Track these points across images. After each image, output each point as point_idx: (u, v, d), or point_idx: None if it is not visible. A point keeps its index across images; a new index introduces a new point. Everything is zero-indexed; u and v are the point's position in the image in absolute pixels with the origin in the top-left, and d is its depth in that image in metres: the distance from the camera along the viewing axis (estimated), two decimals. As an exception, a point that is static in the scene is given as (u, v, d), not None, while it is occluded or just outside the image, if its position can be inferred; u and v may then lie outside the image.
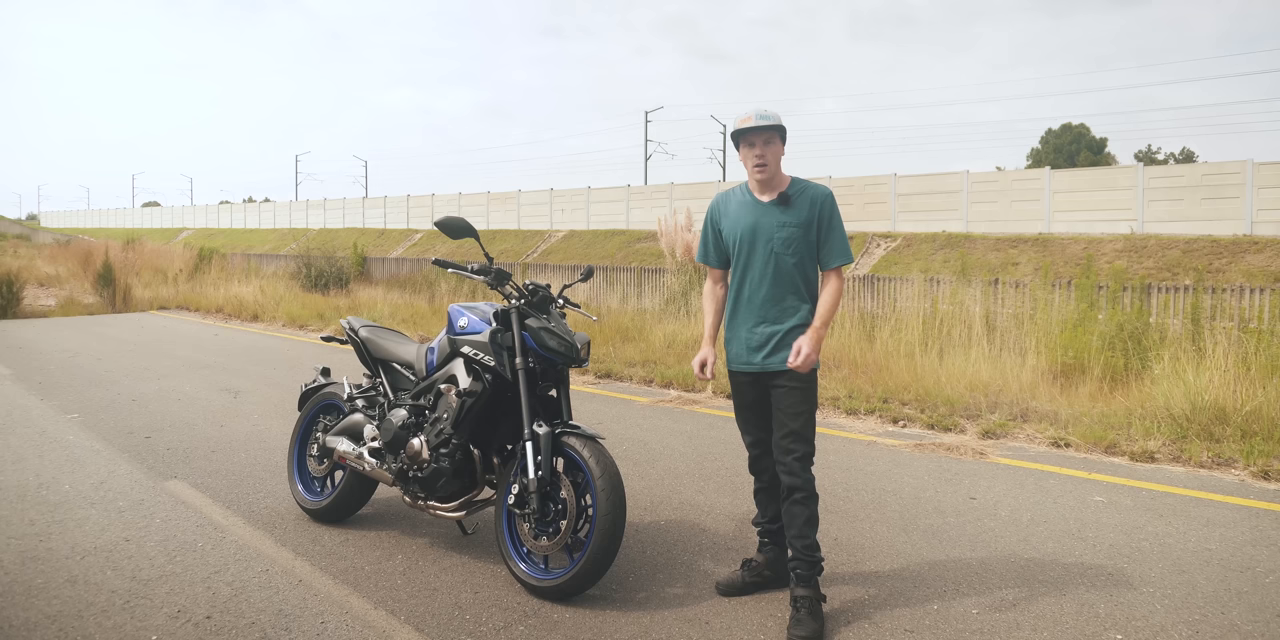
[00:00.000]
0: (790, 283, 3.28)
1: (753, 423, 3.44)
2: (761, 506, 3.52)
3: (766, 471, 3.44)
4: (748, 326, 3.33)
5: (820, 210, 3.29)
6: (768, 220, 3.29)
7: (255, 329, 13.52)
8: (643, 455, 5.59)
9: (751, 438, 3.46)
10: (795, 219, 3.27)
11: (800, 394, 3.25)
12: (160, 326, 13.79)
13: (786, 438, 3.26)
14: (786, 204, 3.29)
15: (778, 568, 3.46)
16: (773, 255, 3.28)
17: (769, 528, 3.49)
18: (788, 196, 3.30)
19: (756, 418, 3.41)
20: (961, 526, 4.23)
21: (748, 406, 3.43)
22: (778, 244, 3.27)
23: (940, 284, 11.17)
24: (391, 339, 4.32)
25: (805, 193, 3.31)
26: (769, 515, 3.49)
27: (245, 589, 3.45)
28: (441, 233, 3.64)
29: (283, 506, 4.50)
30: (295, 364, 9.53)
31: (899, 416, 6.62)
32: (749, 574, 3.45)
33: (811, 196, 3.30)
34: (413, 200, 43.38)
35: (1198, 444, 5.52)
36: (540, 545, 3.38)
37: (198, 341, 11.72)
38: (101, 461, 5.34)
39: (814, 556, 3.20)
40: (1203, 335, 7.41)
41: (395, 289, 17.97)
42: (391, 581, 3.55)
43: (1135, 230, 21.82)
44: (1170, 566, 3.72)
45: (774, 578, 3.46)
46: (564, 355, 3.51)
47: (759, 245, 3.28)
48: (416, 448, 3.70)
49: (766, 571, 3.46)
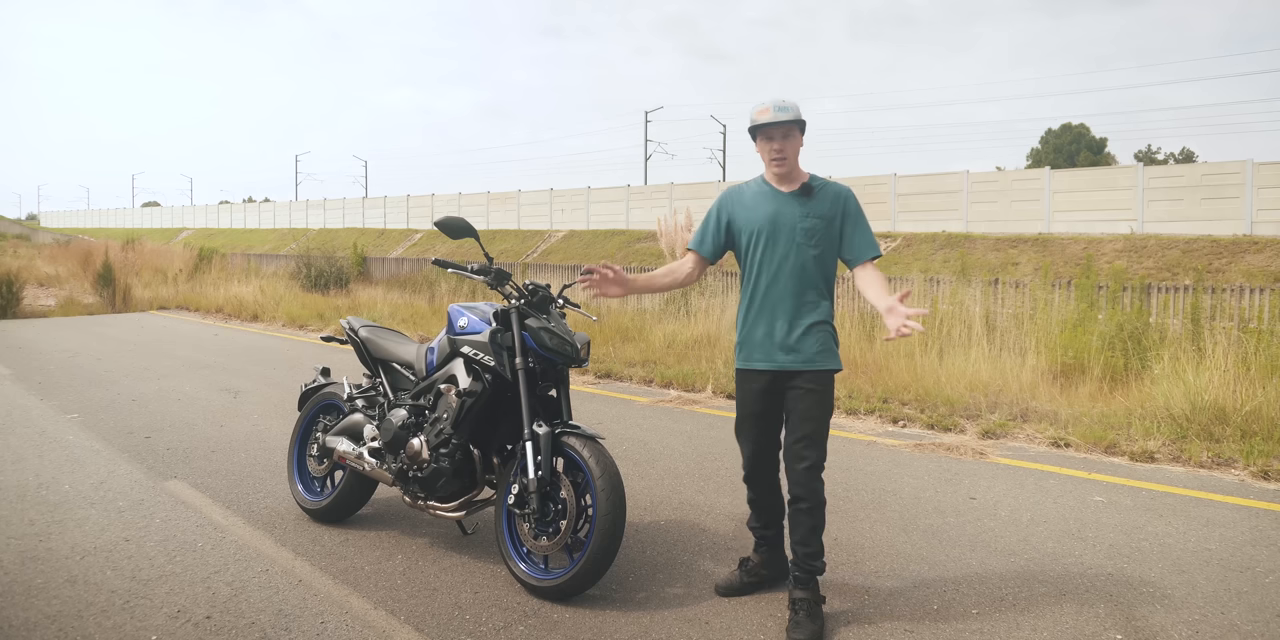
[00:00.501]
0: (811, 277, 3.16)
1: (758, 429, 3.29)
2: (756, 512, 3.46)
3: (762, 483, 3.36)
4: (766, 321, 3.19)
5: (845, 205, 3.20)
6: (790, 210, 3.16)
7: (255, 329, 13.52)
8: (643, 455, 5.59)
9: (752, 446, 3.33)
10: (819, 211, 3.16)
11: (816, 397, 3.13)
12: (160, 326, 13.78)
13: (799, 443, 3.13)
14: (809, 195, 3.18)
15: (774, 566, 3.45)
16: (795, 247, 3.15)
17: (764, 532, 3.45)
18: (811, 188, 3.19)
19: (764, 425, 3.28)
20: (961, 527, 4.23)
21: (755, 413, 3.28)
22: (800, 235, 3.14)
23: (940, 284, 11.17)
24: (391, 339, 4.32)
25: (827, 187, 3.23)
26: (763, 521, 3.44)
27: (245, 589, 3.45)
28: (441, 233, 3.64)
29: (282, 506, 4.50)
30: (295, 364, 9.53)
31: (899, 416, 6.62)
32: (746, 574, 3.42)
33: (835, 191, 3.22)
34: (413, 200, 43.37)
35: (1197, 444, 5.52)
36: (540, 545, 3.38)
37: (198, 341, 11.72)
38: (101, 461, 5.34)
39: (814, 564, 3.14)
40: (1203, 335, 7.41)
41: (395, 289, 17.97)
42: (391, 581, 3.55)
43: (1135, 230, 21.82)
44: (1170, 566, 3.72)
45: (771, 577, 3.45)
46: (564, 355, 3.51)
47: (780, 236, 3.15)
48: (416, 448, 3.70)
49: (763, 570, 3.44)
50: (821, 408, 3.15)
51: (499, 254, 32.89)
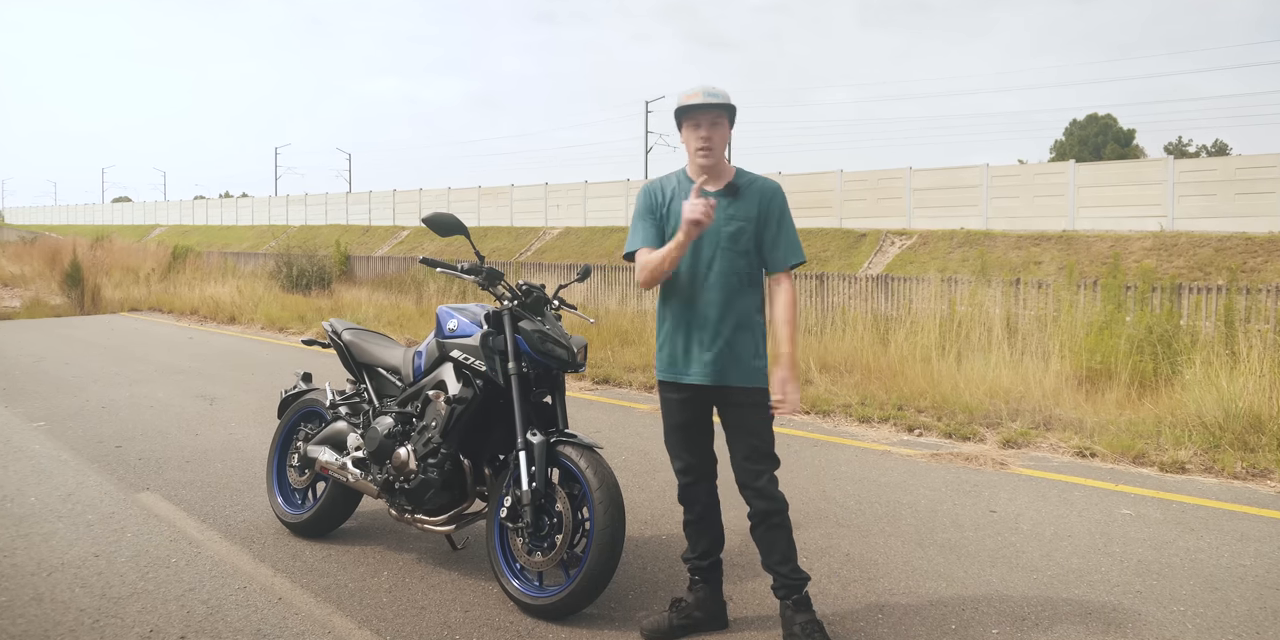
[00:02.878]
0: (739, 284, 3.10)
1: (685, 445, 3.22)
2: (692, 541, 3.30)
3: (699, 502, 3.25)
4: (686, 333, 3.13)
5: (772, 204, 3.14)
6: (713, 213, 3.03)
7: (232, 332, 13.54)
8: (643, 466, 5.60)
9: (682, 463, 3.24)
10: (745, 212, 3.10)
11: (756, 409, 3.11)
12: (132, 329, 13.80)
13: (750, 458, 3.10)
14: (735, 195, 3.11)
15: (709, 608, 3.27)
16: (719, 252, 3.08)
17: (699, 564, 3.28)
18: (736, 187, 3.12)
19: (690, 439, 3.21)
20: (981, 541, 4.24)
21: (680, 426, 3.21)
22: (725, 240, 3.08)
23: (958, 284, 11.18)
24: (377, 342, 4.33)
25: (754, 185, 3.16)
26: (699, 550, 3.28)
27: (221, 607, 3.45)
28: (430, 230, 3.65)
29: (261, 520, 4.50)
30: (274, 369, 9.54)
31: (914, 424, 6.63)
32: (677, 616, 3.22)
33: (761, 189, 3.15)
34: (399, 195, 43.42)
35: (1231, 454, 5.52)
36: (534, 561, 3.39)
37: (171, 345, 11.73)
38: (69, 472, 5.35)
39: (800, 577, 3.09)
40: (1237, 338, 7.41)
41: (381, 289, 17.99)
42: (377, 599, 3.55)
43: (1165, 227, 21.83)
44: (1202, 584, 3.73)
45: (705, 619, 3.25)
46: (559, 359, 3.52)
47: (703, 241, 3.07)
48: (403, 458, 3.70)
49: (697, 613, 3.24)
50: (762, 416, 3.13)
51: (491, 252, 32.93)
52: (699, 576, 3.30)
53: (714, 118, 3.08)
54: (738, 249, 3.10)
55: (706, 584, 3.29)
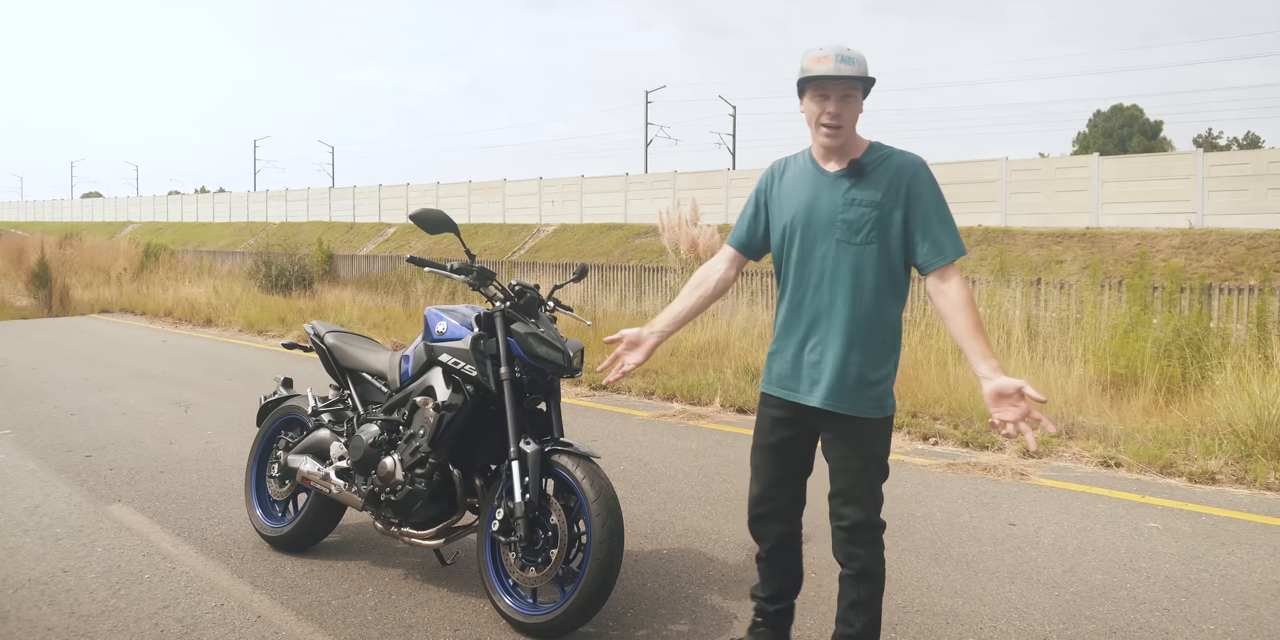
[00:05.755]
0: (860, 285, 2.71)
1: (769, 468, 2.92)
2: (764, 578, 3.03)
3: (770, 537, 2.96)
4: (797, 342, 2.80)
5: (910, 184, 2.70)
6: (830, 196, 2.73)
7: (208, 335, 13.54)
8: (642, 476, 5.60)
9: (759, 489, 2.95)
10: (870, 195, 2.69)
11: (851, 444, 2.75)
12: (102, 332, 13.80)
13: (834, 499, 2.79)
14: (859, 175, 2.71)
15: None
16: (834, 245, 2.71)
17: (765, 606, 3.03)
18: (861, 166, 2.71)
19: (777, 462, 2.90)
20: (1000, 556, 4.24)
21: (770, 446, 2.90)
22: (841, 229, 2.70)
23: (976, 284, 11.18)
24: (361, 346, 4.34)
25: (888, 160, 2.74)
26: (770, 591, 3.02)
27: (197, 626, 3.45)
28: (417, 227, 3.66)
29: (239, 533, 4.50)
30: (253, 374, 9.55)
31: (930, 433, 6.64)
32: None
33: (897, 165, 2.73)
34: (385, 191, 43.46)
35: (1264, 463, 5.53)
36: (528, 577, 3.39)
37: (144, 348, 11.73)
38: (36, 483, 5.35)
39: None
40: (1270, 342, 7.42)
41: (365, 290, 18.00)
42: (362, 617, 3.55)
43: (1194, 224, 21.85)
44: (1234, 600, 3.73)
45: None
46: (554, 364, 3.52)
47: (818, 231, 2.72)
48: (389, 468, 3.71)
49: None
50: (859, 456, 2.76)
51: (482, 251, 32.94)
52: (761, 618, 3.06)
53: (846, 89, 2.68)
54: (858, 241, 2.70)
55: (771, 630, 3.05)
